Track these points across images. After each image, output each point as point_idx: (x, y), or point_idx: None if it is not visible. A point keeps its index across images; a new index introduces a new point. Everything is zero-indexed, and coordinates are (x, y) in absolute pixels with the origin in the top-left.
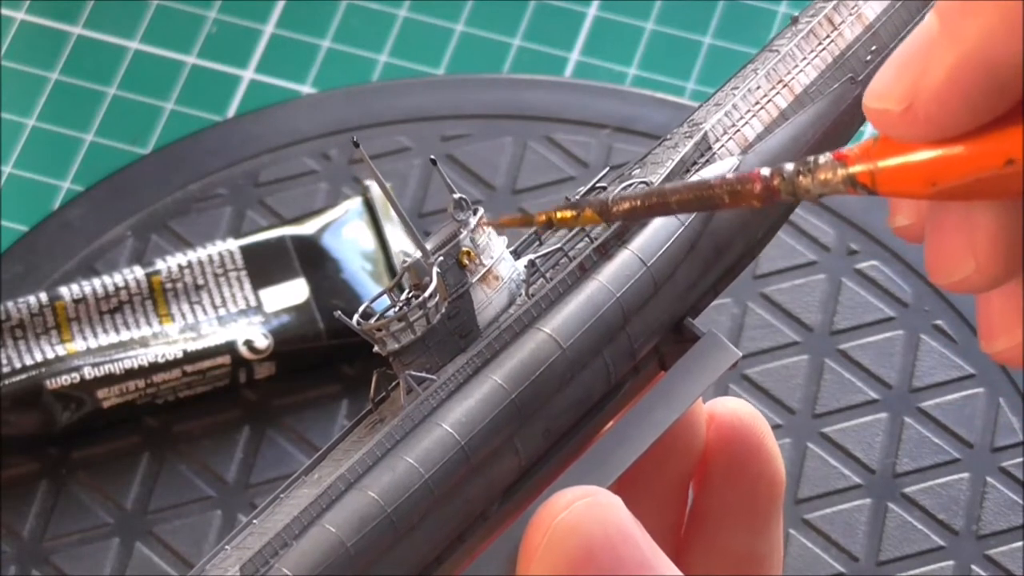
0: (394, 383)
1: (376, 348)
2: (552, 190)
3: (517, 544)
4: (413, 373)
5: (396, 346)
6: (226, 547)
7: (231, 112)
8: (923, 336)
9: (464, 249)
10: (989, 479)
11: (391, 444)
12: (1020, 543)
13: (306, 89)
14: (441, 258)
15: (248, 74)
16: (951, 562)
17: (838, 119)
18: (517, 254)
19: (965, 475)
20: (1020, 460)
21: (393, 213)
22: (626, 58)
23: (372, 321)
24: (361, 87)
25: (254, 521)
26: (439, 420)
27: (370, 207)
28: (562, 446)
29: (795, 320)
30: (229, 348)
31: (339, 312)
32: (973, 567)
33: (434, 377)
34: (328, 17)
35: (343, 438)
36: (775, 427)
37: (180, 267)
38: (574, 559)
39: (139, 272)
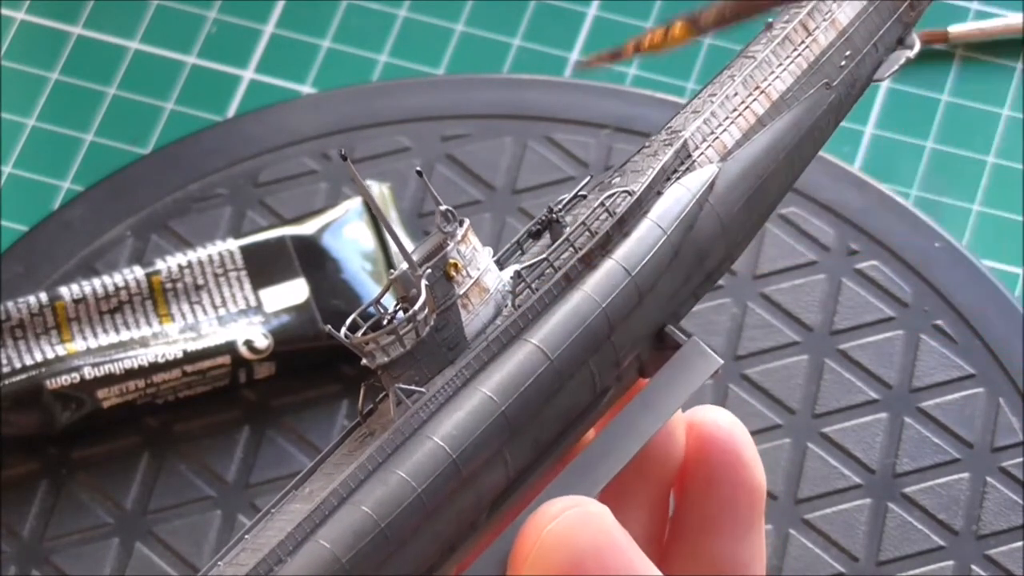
0: (382, 395)
1: (365, 361)
2: (552, 190)
3: (506, 554)
4: (402, 386)
5: (385, 359)
6: (219, 563)
7: (231, 112)
8: (923, 336)
9: (451, 261)
10: (989, 479)
11: (383, 458)
12: (1020, 543)
13: (306, 89)
14: (429, 270)
15: (248, 74)
16: (951, 562)
17: (814, 125)
18: (502, 264)
19: (965, 475)
20: (1020, 460)
21: (393, 213)
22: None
23: (360, 334)
24: (361, 87)
25: (246, 536)
26: (430, 433)
27: (370, 207)
28: (548, 456)
29: (795, 320)
30: (229, 348)
31: (329, 327)
32: (973, 567)
33: (423, 390)
34: (328, 17)
35: (332, 452)
36: (775, 427)
37: (180, 267)
38: (563, 568)
39: (139, 272)
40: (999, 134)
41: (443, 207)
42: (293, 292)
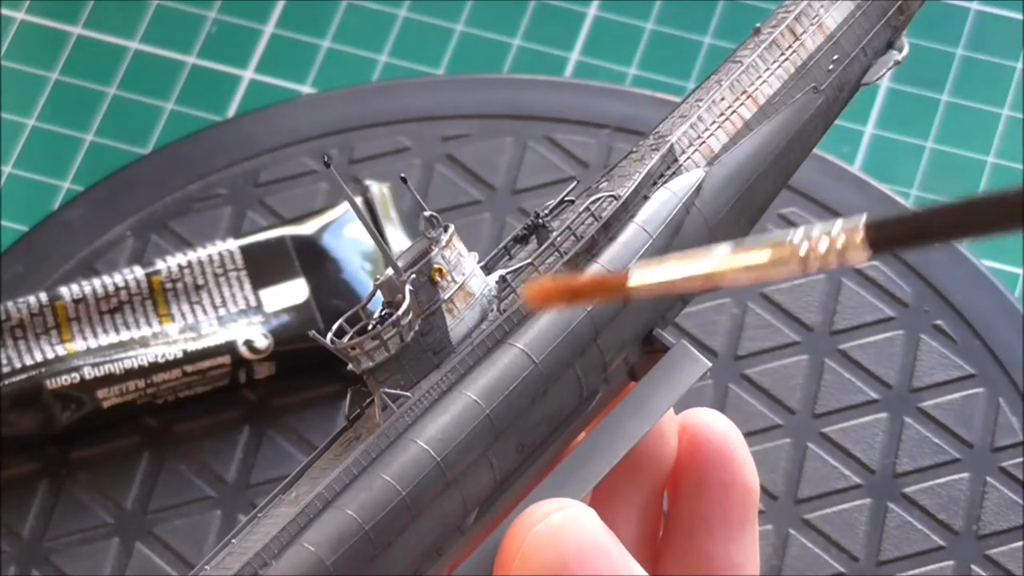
0: (368, 400)
1: (350, 366)
2: (552, 190)
3: (492, 557)
4: (388, 390)
5: (370, 364)
6: (205, 567)
7: (231, 112)
8: (923, 336)
9: (436, 266)
10: (989, 479)
11: (367, 462)
12: (1020, 543)
13: (306, 89)
14: (413, 276)
15: (248, 74)
16: (951, 562)
17: (801, 129)
18: (488, 269)
19: (965, 475)
20: (1020, 460)
21: (393, 213)
22: (626, 58)
23: (345, 340)
24: (361, 87)
25: (232, 540)
26: (414, 437)
27: (370, 207)
28: (535, 459)
29: (795, 320)
30: (229, 348)
31: (313, 332)
32: (973, 567)
33: (408, 394)
34: (328, 17)
35: (319, 456)
36: (775, 427)
37: (180, 267)
38: (549, 571)
39: (139, 272)
40: (999, 134)
41: (427, 212)
42: (293, 292)
